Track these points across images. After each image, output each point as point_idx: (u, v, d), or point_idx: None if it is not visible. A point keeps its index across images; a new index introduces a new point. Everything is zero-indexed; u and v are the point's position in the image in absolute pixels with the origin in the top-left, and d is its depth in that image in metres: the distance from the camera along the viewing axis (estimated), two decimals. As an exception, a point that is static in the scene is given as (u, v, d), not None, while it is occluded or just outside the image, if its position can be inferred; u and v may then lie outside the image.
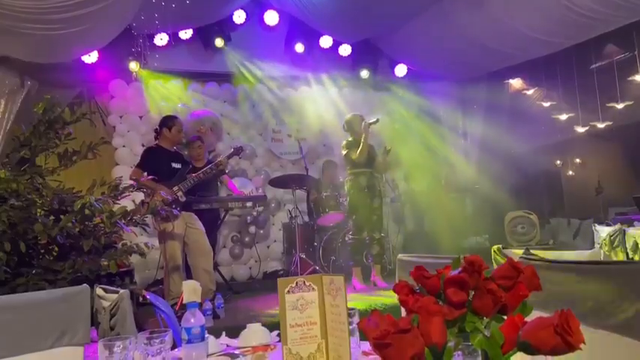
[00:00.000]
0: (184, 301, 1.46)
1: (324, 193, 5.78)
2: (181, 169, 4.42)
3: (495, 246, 1.66)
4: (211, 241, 4.59)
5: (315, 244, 5.69)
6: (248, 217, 6.33)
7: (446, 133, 7.41)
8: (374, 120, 4.88)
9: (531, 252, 1.54)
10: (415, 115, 7.75)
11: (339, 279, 1.32)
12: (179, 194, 4.22)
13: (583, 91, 6.44)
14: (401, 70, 7.07)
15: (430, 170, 6.44)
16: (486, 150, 7.18)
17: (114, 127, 6.16)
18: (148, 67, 6.03)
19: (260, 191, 5.98)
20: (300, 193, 6.13)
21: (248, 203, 5.58)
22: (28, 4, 3.70)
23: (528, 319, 0.67)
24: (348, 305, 1.30)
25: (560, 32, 5.18)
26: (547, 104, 6.89)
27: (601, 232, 5.06)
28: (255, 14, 6.57)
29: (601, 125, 6.62)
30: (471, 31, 5.61)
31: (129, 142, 6.15)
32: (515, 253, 1.62)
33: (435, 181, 6.33)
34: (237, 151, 4.81)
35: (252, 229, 6.41)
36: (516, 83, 7.05)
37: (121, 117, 6.21)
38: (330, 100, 7.28)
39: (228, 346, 1.65)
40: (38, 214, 2.85)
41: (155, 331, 1.25)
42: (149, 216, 3.63)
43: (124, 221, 3.09)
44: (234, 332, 1.73)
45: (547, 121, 6.88)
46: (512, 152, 7.00)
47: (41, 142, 3.09)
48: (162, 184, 4.14)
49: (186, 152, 5.27)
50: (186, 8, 5.30)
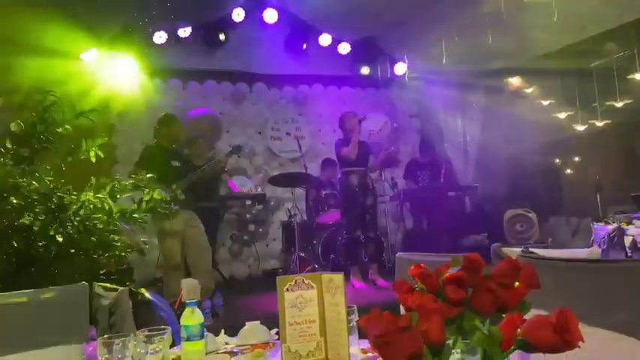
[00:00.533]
0: (183, 300, 1.46)
1: (323, 192, 5.78)
2: (180, 167, 4.41)
3: (494, 244, 1.66)
4: (210, 239, 4.59)
5: (314, 242, 5.69)
6: (247, 216, 6.33)
7: (445, 131, 7.42)
8: (362, 117, 4.90)
9: (530, 250, 1.55)
10: (414, 113, 7.76)
11: (338, 277, 1.32)
12: (178, 192, 4.22)
13: (582, 90, 6.43)
14: (400, 68, 7.06)
15: (429, 169, 6.43)
16: (485, 148, 7.19)
17: (113, 125, 6.14)
18: (146, 65, 6.01)
19: (259, 190, 5.98)
20: (299, 192, 6.14)
21: (247, 201, 5.61)
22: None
23: (527, 317, 0.68)
24: (347, 303, 1.30)
25: (559, 30, 5.18)
26: (546, 103, 6.88)
27: (600, 230, 5.07)
28: (254, 12, 6.56)
29: (600, 124, 6.62)
30: (471, 31, 5.61)
31: (128, 141, 6.14)
32: (513, 252, 1.62)
33: (434, 179, 6.33)
34: (236, 149, 4.81)
35: (252, 227, 6.41)
36: (515, 81, 7.05)
37: (120, 115, 6.19)
38: (329, 98, 7.29)
39: (227, 344, 1.65)
40: (36, 212, 2.84)
41: (154, 329, 1.25)
42: (148, 214, 3.62)
43: (123, 219, 3.09)
44: (234, 330, 1.73)
45: (546, 119, 6.88)
46: (511, 150, 7.00)
47: (40, 139, 3.08)
48: (161, 183, 4.14)
49: (186, 150, 5.26)
50: (186, 6, 5.29)
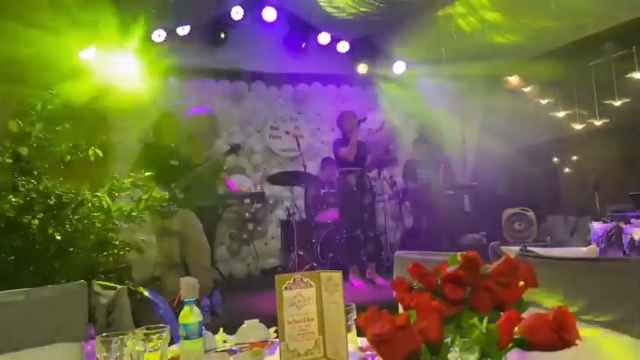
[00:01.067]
0: (182, 298, 1.46)
1: (322, 191, 5.78)
2: (179, 165, 4.41)
3: (493, 243, 1.66)
4: (209, 238, 4.59)
5: (313, 240, 5.69)
6: (246, 214, 6.32)
7: (444, 130, 7.41)
8: (362, 117, 4.90)
9: (528, 249, 1.55)
10: (413, 112, 7.76)
11: (337, 276, 1.32)
12: (177, 191, 4.22)
13: (580, 89, 6.44)
14: (399, 67, 7.06)
15: (428, 167, 6.44)
16: (484, 147, 7.19)
17: (111, 124, 6.13)
18: (145, 63, 6.00)
19: (258, 188, 5.98)
20: (298, 190, 6.13)
21: (246, 200, 5.60)
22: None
23: (525, 315, 0.68)
24: (346, 302, 1.30)
25: (558, 29, 5.19)
26: (544, 101, 6.89)
27: (598, 229, 5.08)
28: (253, 11, 6.56)
29: (598, 123, 6.62)
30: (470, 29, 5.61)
31: (126, 139, 6.13)
32: (512, 250, 1.62)
33: (433, 178, 6.33)
34: (235, 148, 4.81)
35: (250, 226, 6.41)
36: (514, 80, 7.05)
37: (118, 114, 6.18)
38: (328, 97, 7.29)
39: (225, 342, 1.65)
40: (35, 211, 2.84)
41: (153, 327, 1.25)
42: (147, 213, 3.62)
43: (121, 218, 3.09)
44: (232, 329, 1.73)
45: (544, 118, 6.89)
46: (509, 149, 7.01)
47: (38, 137, 3.08)
48: (159, 181, 4.13)
49: (185, 149, 5.25)
50: (185, 4, 5.28)
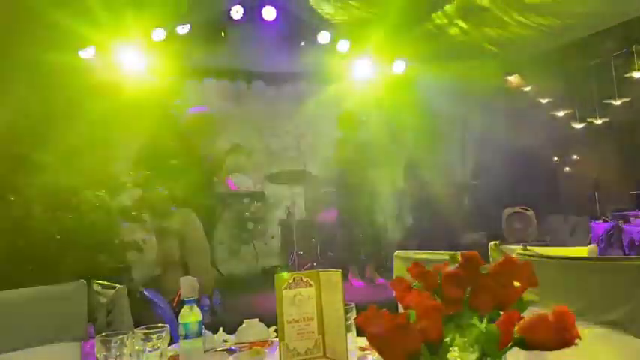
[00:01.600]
0: (182, 297, 1.46)
1: (322, 190, 5.78)
2: (179, 165, 4.41)
3: (492, 242, 1.66)
4: (209, 237, 4.59)
5: (312, 240, 5.69)
6: (246, 214, 6.32)
7: (444, 129, 7.41)
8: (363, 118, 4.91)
9: (528, 248, 1.55)
10: (413, 111, 7.75)
11: (337, 275, 1.32)
12: (177, 190, 4.22)
13: (580, 88, 6.44)
14: (399, 66, 7.05)
15: (428, 167, 6.44)
16: (484, 146, 7.19)
17: (112, 123, 6.12)
18: (145, 62, 6.00)
19: (258, 187, 5.97)
20: (297, 190, 6.13)
21: (246, 199, 5.60)
22: None
23: (525, 314, 0.68)
24: (345, 301, 1.30)
25: (558, 28, 5.18)
26: (544, 101, 6.89)
27: (597, 228, 5.08)
28: (252, 10, 6.54)
29: (598, 122, 6.62)
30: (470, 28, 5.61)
31: (127, 139, 6.12)
32: (512, 250, 1.62)
33: (433, 177, 6.33)
34: (235, 148, 4.81)
35: (250, 225, 6.40)
36: (514, 80, 7.05)
37: (119, 113, 6.17)
38: (328, 96, 7.28)
39: (225, 341, 1.65)
40: (36, 211, 2.84)
41: (152, 326, 1.25)
42: (147, 212, 3.63)
43: (121, 217, 3.10)
44: (232, 328, 1.73)
45: (544, 117, 6.89)
46: (509, 149, 7.00)
47: (39, 137, 3.08)
48: (159, 181, 4.13)
49: (185, 148, 5.24)
50: (185, 3, 5.27)
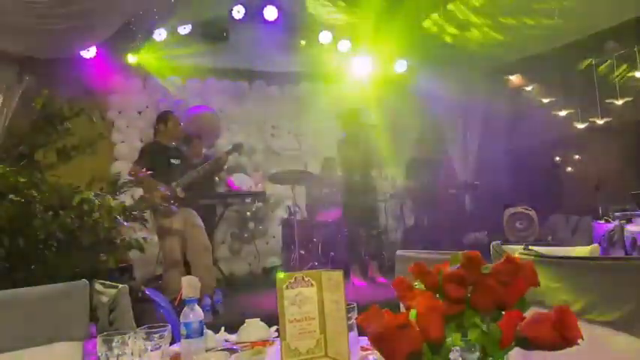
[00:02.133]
0: (183, 297, 1.46)
1: (324, 190, 5.78)
2: (180, 165, 4.42)
3: (494, 242, 1.66)
4: (210, 236, 4.59)
5: (314, 239, 5.69)
6: (247, 213, 6.33)
7: (445, 129, 7.41)
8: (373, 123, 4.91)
9: (530, 248, 1.54)
10: (414, 110, 7.75)
11: (338, 274, 1.32)
12: (178, 190, 4.22)
13: (582, 88, 6.43)
14: (401, 65, 7.05)
15: (429, 166, 6.43)
16: (485, 146, 7.18)
17: (112, 123, 6.15)
18: (146, 62, 6.01)
19: (259, 187, 5.98)
20: (299, 189, 6.13)
21: (247, 199, 5.60)
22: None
23: (526, 314, 0.68)
24: (347, 301, 1.30)
25: (561, 28, 5.17)
26: (546, 100, 6.88)
27: (600, 228, 5.07)
28: (254, 9, 6.54)
29: (600, 121, 6.61)
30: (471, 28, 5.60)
31: (127, 138, 6.15)
32: (513, 249, 1.61)
33: (435, 177, 6.33)
34: (237, 147, 4.81)
35: (252, 225, 6.41)
36: (516, 79, 7.04)
37: (119, 112, 6.20)
38: (329, 95, 7.28)
39: (227, 341, 1.65)
40: (37, 210, 2.85)
41: (154, 326, 1.25)
42: (148, 211, 3.63)
43: (122, 217, 3.09)
44: (233, 328, 1.73)
45: (546, 117, 6.87)
46: (511, 148, 7.00)
47: (39, 137, 3.08)
48: (160, 180, 4.14)
49: (185, 148, 5.25)
50: (186, 3, 5.28)
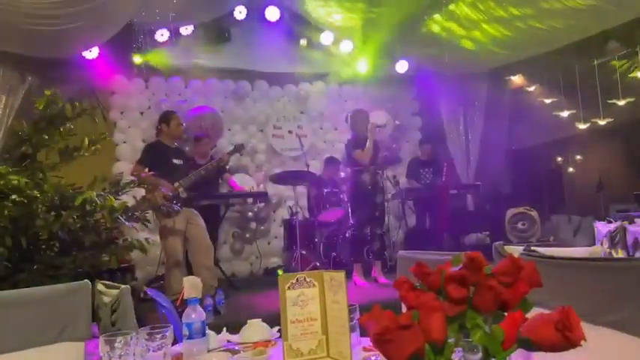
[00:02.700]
0: (185, 297, 1.46)
1: (325, 190, 5.78)
2: (182, 165, 4.42)
3: (496, 242, 1.66)
4: (212, 237, 4.59)
5: (315, 240, 5.69)
6: (249, 213, 6.33)
7: (447, 129, 7.40)
8: (382, 124, 4.92)
9: (532, 249, 1.54)
10: (416, 111, 7.75)
11: (340, 275, 1.32)
12: (180, 190, 4.22)
13: (584, 88, 6.42)
14: (402, 66, 7.04)
15: (431, 167, 6.43)
16: (487, 147, 7.17)
17: (115, 123, 6.16)
18: (148, 62, 6.02)
19: (261, 187, 5.98)
20: (300, 190, 6.13)
21: (249, 199, 5.60)
22: (29, 0, 3.70)
23: (529, 315, 0.67)
24: (349, 301, 1.30)
25: (562, 28, 5.16)
26: (548, 101, 6.87)
27: (602, 229, 5.06)
28: (255, 10, 6.55)
29: (602, 122, 6.61)
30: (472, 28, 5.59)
31: (130, 138, 6.16)
32: (515, 250, 1.61)
33: (436, 177, 6.33)
34: (239, 148, 4.81)
35: (253, 225, 6.42)
36: (517, 80, 7.03)
37: (121, 113, 6.21)
38: (330, 96, 7.28)
39: (228, 341, 1.65)
40: (39, 210, 2.85)
41: (156, 326, 1.25)
42: (150, 211, 3.63)
43: (124, 217, 3.10)
44: (235, 328, 1.73)
45: (548, 117, 6.87)
46: (513, 149, 6.99)
47: (42, 137, 3.09)
48: (163, 180, 4.14)
49: (188, 148, 5.26)
50: (187, 4, 5.28)
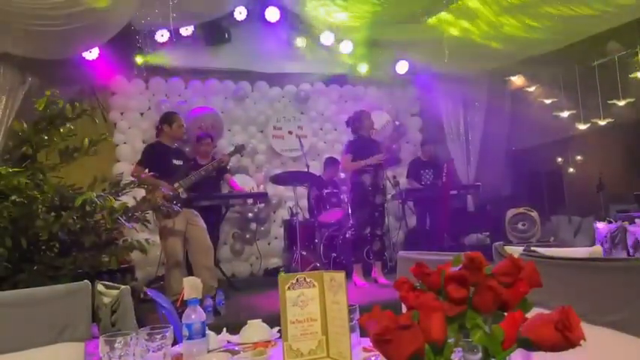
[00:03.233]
0: (185, 298, 1.46)
1: (325, 190, 5.78)
2: (182, 165, 4.42)
3: (496, 243, 1.66)
4: (212, 237, 4.59)
5: (315, 240, 5.69)
6: (249, 214, 6.33)
7: (447, 129, 7.40)
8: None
9: (532, 249, 1.54)
10: (416, 111, 7.75)
11: (340, 276, 1.32)
12: (180, 191, 4.23)
13: (584, 88, 6.42)
14: (402, 66, 7.04)
15: (431, 167, 6.43)
16: (487, 147, 7.17)
17: (115, 124, 6.16)
18: (148, 63, 6.02)
19: (261, 188, 5.98)
20: (300, 190, 6.13)
21: (249, 200, 5.59)
22: (29, 1, 3.70)
23: (529, 315, 0.67)
24: (349, 302, 1.30)
25: (562, 29, 5.16)
26: (548, 101, 6.87)
27: (602, 229, 5.06)
28: (256, 11, 6.55)
29: (602, 122, 6.61)
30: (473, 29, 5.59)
31: (130, 139, 6.16)
32: (515, 250, 1.61)
33: (436, 178, 6.33)
34: (239, 149, 4.81)
35: (253, 225, 6.42)
36: (517, 80, 7.03)
37: (122, 113, 6.22)
38: (331, 96, 7.29)
39: (228, 342, 1.65)
40: (39, 211, 2.85)
41: (156, 327, 1.25)
42: (150, 212, 3.63)
43: (124, 217, 3.10)
44: (235, 329, 1.73)
45: (548, 118, 6.87)
46: (513, 149, 6.99)
47: (42, 138, 3.09)
48: (162, 181, 4.14)
49: (189, 149, 5.26)
50: (188, 4, 5.28)
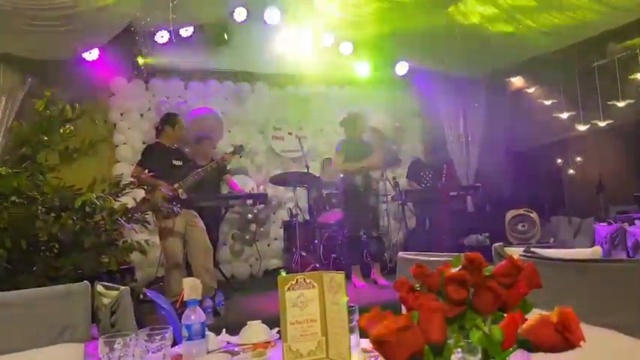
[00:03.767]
0: (185, 299, 1.46)
1: (325, 191, 5.78)
2: (182, 166, 4.42)
3: (496, 244, 1.66)
4: (212, 238, 4.59)
5: (315, 241, 5.69)
6: (249, 215, 6.33)
7: (447, 130, 7.41)
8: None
9: (532, 250, 1.54)
10: (416, 112, 7.75)
11: (340, 276, 1.32)
12: (180, 191, 4.23)
13: (584, 90, 6.43)
14: (402, 67, 7.05)
15: (431, 168, 6.43)
16: (487, 148, 7.18)
17: (114, 125, 6.16)
18: (148, 64, 6.02)
19: (261, 189, 5.98)
20: (300, 191, 6.13)
21: (248, 201, 5.59)
22: (29, 2, 3.70)
23: (528, 316, 0.67)
24: (348, 303, 1.30)
25: (562, 30, 5.17)
26: (548, 102, 6.87)
27: (602, 230, 5.06)
28: (256, 12, 6.54)
29: (602, 124, 6.61)
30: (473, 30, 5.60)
31: (130, 140, 6.16)
32: (515, 251, 1.61)
33: (436, 179, 6.33)
34: (238, 149, 4.81)
35: (253, 226, 6.41)
36: (517, 81, 7.03)
37: (121, 114, 6.22)
38: (330, 97, 7.28)
39: (228, 343, 1.65)
40: (39, 212, 2.85)
41: (156, 328, 1.25)
42: (150, 213, 3.63)
43: (124, 218, 3.10)
44: (235, 329, 1.73)
45: (548, 119, 6.87)
46: (513, 150, 6.99)
47: (42, 139, 3.09)
48: (162, 182, 4.14)
49: (188, 149, 5.25)
50: (187, 5, 5.28)
